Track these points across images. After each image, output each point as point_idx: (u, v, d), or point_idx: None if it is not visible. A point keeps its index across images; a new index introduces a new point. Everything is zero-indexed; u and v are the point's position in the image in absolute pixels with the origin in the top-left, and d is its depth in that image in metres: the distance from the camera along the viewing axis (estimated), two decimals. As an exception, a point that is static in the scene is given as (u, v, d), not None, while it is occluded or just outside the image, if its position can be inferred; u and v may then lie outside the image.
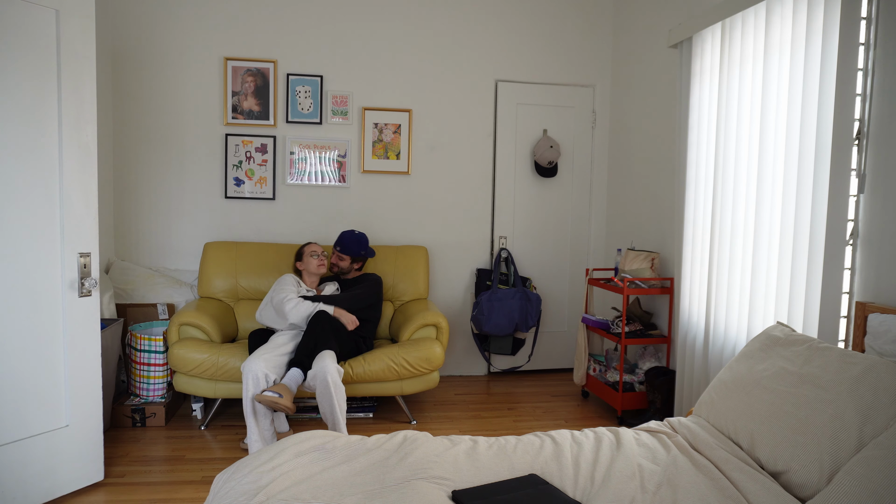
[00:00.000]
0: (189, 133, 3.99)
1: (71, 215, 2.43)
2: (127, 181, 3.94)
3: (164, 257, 4.01)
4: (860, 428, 1.53)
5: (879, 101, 2.18)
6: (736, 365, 2.06)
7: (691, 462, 1.76)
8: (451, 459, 1.75)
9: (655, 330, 3.62)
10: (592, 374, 3.78)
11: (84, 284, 2.47)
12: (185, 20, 3.94)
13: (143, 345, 3.31)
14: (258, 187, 4.06)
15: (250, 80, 4.01)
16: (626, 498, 1.57)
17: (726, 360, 2.88)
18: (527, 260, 4.45)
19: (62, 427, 2.45)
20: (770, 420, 1.74)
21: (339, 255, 3.59)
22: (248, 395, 2.82)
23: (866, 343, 2.08)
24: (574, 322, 4.54)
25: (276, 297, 3.22)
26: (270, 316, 3.27)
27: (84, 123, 2.46)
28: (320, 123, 4.11)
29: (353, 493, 1.53)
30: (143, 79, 3.91)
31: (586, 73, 4.46)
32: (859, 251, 2.26)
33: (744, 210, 2.80)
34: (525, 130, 4.40)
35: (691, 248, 3.20)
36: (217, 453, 2.97)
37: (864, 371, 1.63)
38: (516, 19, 4.33)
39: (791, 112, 2.50)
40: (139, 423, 3.27)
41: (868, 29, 2.21)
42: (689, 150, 3.22)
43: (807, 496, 1.56)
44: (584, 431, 2.00)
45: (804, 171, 2.42)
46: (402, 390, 3.36)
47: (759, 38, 2.72)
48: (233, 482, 1.62)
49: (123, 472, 2.72)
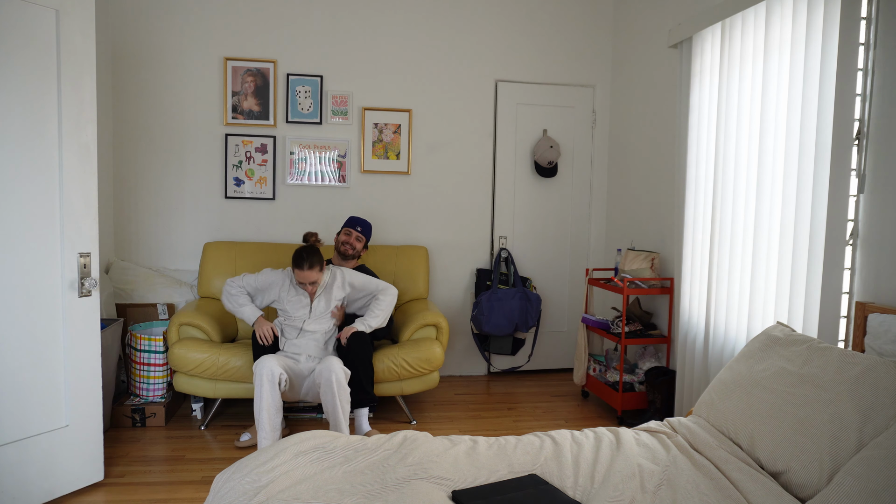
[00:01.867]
0: (189, 133, 3.99)
1: (71, 215, 2.43)
2: (127, 181, 3.94)
3: (164, 257, 4.01)
4: (860, 428, 1.53)
5: (879, 101, 2.18)
6: (736, 365, 2.06)
7: (691, 462, 1.76)
8: (451, 459, 1.75)
9: (655, 330, 3.62)
10: (592, 374, 3.78)
11: (84, 284, 2.47)
12: (185, 20, 3.94)
13: (142, 345, 3.31)
14: (258, 187, 4.06)
15: (250, 80, 4.01)
16: (626, 498, 1.57)
17: (726, 360, 2.88)
18: (527, 260, 4.45)
19: (62, 427, 2.45)
20: (770, 420, 1.74)
21: (359, 237, 3.48)
22: (263, 394, 2.79)
23: (866, 343, 2.08)
24: (574, 322, 4.54)
25: (239, 283, 3.14)
26: (231, 293, 3.13)
27: (84, 123, 2.46)
28: (320, 123, 4.11)
29: (353, 493, 1.53)
30: (143, 79, 3.91)
31: (586, 73, 4.46)
32: (859, 251, 2.26)
33: (744, 210, 2.80)
34: (525, 130, 4.40)
35: (691, 248, 3.20)
36: (217, 453, 2.97)
37: (864, 371, 1.63)
38: (516, 19, 4.33)
39: (791, 112, 2.50)
40: (139, 423, 3.27)
41: (868, 29, 2.21)
42: (689, 150, 3.22)
43: (807, 496, 1.56)
44: (584, 431, 2.00)
45: (804, 171, 2.42)
46: (402, 390, 3.36)
47: (758, 38, 2.72)
48: (233, 482, 1.62)
49: (123, 473, 2.72)
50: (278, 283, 3.17)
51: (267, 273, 3.18)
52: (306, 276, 3.02)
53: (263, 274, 3.18)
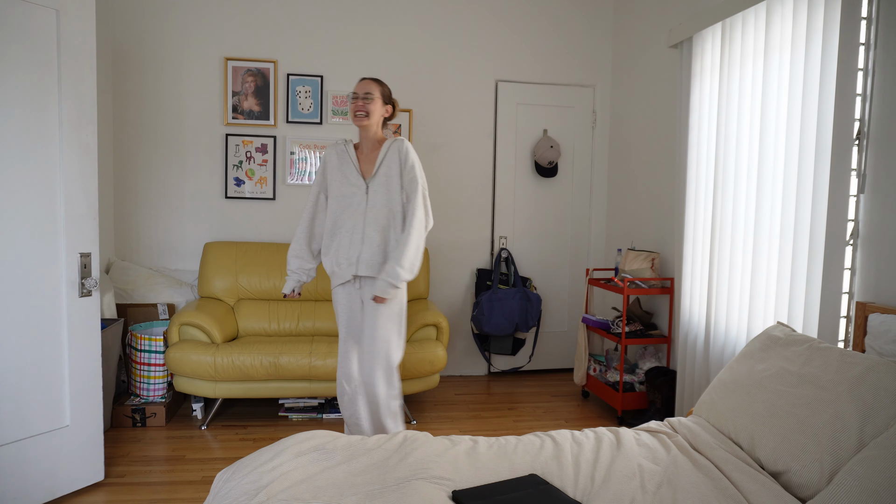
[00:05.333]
0: (189, 133, 3.99)
1: (71, 215, 2.43)
2: (127, 181, 3.94)
3: (164, 257, 4.01)
4: (860, 428, 1.53)
5: (879, 101, 2.18)
6: (736, 365, 2.06)
7: (691, 462, 1.76)
8: (451, 459, 1.75)
9: (655, 330, 3.62)
10: (593, 374, 3.78)
11: (84, 284, 2.47)
12: (185, 20, 3.94)
13: (143, 345, 3.31)
14: (258, 187, 4.06)
15: (250, 80, 4.01)
16: (626, 498, 1.57)
17: (726, 360, 2.88)
18: (527, 260, 4.45)
19: (63, 427, 2.45)
20: (770, 420, 1.74)
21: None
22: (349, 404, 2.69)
23: (866, 343, 2.08)
24: (574, 322, 4.54)
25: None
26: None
27: (84, 123, 2.46)
28: (320, 123, 4.11)
29: (353, 494, 1.53)
30: (143, 79, 3.92)
31: (586, 73, 4.46)
32: (859, 251, 2.26)
33: (744, 210, 2.80)
34: (525, 130, 4.40)
35: (691, 248, 3.20)
36: (217, 453, 2.97)
37: (865, 371, 1.63)
38: (516, 19, 4.33)
39: (791, 112, 2.50)
40: (139, 423, 3.27)
41: (868, 29, 2.21)
42: (689, 150, 3.22)
43: (807, 496, 1.56)
44: (585, 431, 2.00)
45: (804, 171, 2.42)
46: (403, 390, 3.36)
47: (759, 38, 2.72)
48: (233, 482, 1.62)
49: (123, 472, 2.72)
50: (328, 159, 2.74)
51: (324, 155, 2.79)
52: (361, 85, 2.64)
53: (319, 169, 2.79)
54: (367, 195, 2.65)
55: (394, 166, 2.64)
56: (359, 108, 2.62)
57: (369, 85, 2.64)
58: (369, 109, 2.63)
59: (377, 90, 2.65)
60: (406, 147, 2.66)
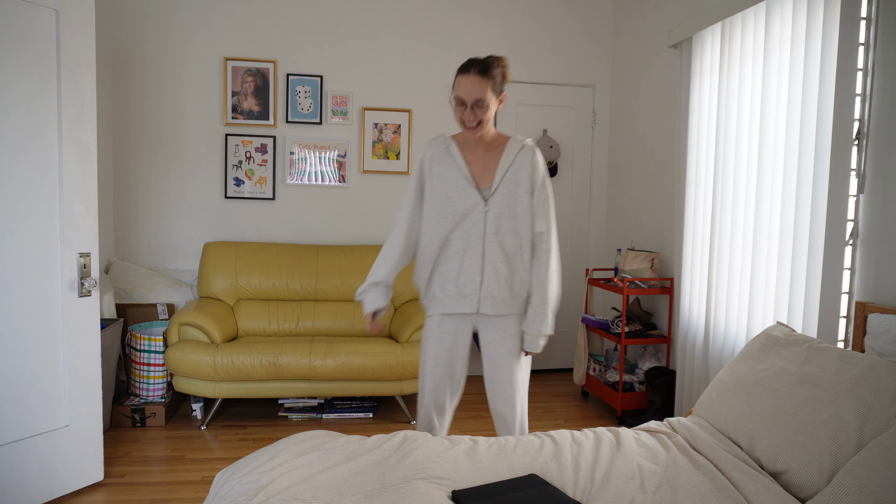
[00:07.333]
0: (189, 133, 3.99)
1: (71, 215, 2.43)
2: (127, 181, 3.94)
3: (164, 257, 4.01)
4: (860, 428, 1.53)
5: (879, 101, 2.18)
6: (736, 365, 2.06)
7: (691, 462, 1.76)
8: (450, 459, 1.75)
9: (655, 330, 3.62)
10: (592, 374, 3.78)
11: (84, 284, 2.47)
12: (185, 20, 3.94)
13: (142, 345, 3.31)
14: (258, 187, 4.06)
15: (250, 80, 4.01)
16: (626, 498, 1.57)
17: (726, 360, 2.88)
18: (527, 260, 4.45)
19: (62, 427, 2.45)
20: (770, 420, 1.74)
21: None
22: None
23: (866, 343, 2.08)
24: (574, 322, 4.54)
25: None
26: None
27: (84, 123, 2.46)
28: (320, 123, 4.11)
29: (352, 493, 1.53)
30: (143, 79, 3.91)
31: (586, 73, 4.46)
32: (859, 251, 2.26)
33: (744, 210, 2.80)
34: (525, 130, 4.40)
35: (691, 248, 3.20)
36: (217, 453, 2.97)
37: (864, 371, 1.63)
38: (516, 19, 4.33)
39: (791, 112, 2.50)
40: (139, 423, 3.27)
41: (868, 29, 2.21)
42: (689, 150, 3.22)
43: (807, 496, 1.56)
44: (584, 431, 2.00)
45: (804, 171, 2.42)
46: (402, 390, 3.36)
47: (758, 38, 2.72)
48: (233, 482, 1.62)
49: (123, 472, 2.72)
50: (427, 157, 2.15)
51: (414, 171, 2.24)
52: (467, 87, 1.99)
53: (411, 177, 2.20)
54: (485, 214, 2.08)
55: (522, 182, 2.08)
56: (469, 119, 2.03)
57: (479, 87, 1.98)
58: (483, 119, 2.04)
59: (489, 91, 2.00)
60: (538, 157, 2.11)
